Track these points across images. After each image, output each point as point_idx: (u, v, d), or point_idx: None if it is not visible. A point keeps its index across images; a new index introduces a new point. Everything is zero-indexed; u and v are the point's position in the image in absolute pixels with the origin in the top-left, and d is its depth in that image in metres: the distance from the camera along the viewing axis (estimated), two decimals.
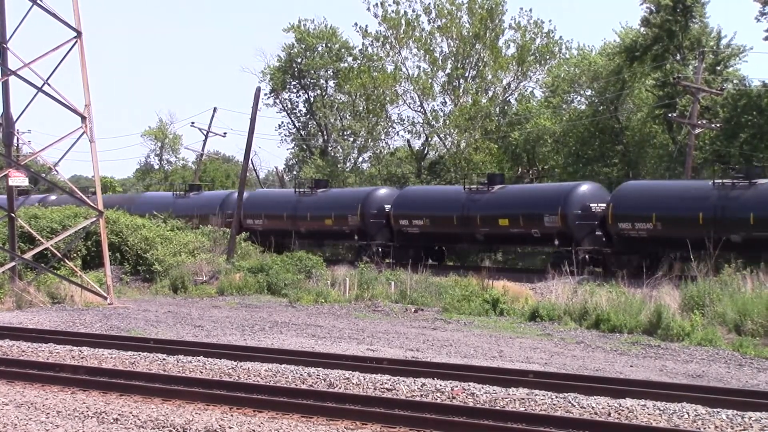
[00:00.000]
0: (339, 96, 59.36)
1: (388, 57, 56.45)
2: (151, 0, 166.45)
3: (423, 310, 24.54)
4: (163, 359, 15.44)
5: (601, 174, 42.10)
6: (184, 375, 14.11)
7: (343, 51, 61.20)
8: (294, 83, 62.97)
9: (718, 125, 36.93)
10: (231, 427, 10.53)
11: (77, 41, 25.94)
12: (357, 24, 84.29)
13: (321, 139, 61.31)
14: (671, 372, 15.39)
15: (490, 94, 54.01)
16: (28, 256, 27.29)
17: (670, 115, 37.88)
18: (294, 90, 63.60)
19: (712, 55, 40.36)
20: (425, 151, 56.02)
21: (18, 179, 27.44)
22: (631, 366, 16.01)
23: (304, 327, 21.09)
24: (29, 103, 29.89)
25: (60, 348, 16.76)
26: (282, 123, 64.97)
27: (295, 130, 64.44)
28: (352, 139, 56.75)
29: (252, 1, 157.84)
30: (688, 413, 11.19)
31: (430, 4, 54.41)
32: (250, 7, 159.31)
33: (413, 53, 55.34)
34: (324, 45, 61.08)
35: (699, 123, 35.97)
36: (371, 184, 48.38)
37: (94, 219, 27.69)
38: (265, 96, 61.07)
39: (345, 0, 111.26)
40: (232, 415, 11.25)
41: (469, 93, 53.33)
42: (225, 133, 64.47)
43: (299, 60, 61.22)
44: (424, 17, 54.83)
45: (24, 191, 50.86)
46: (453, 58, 54.28)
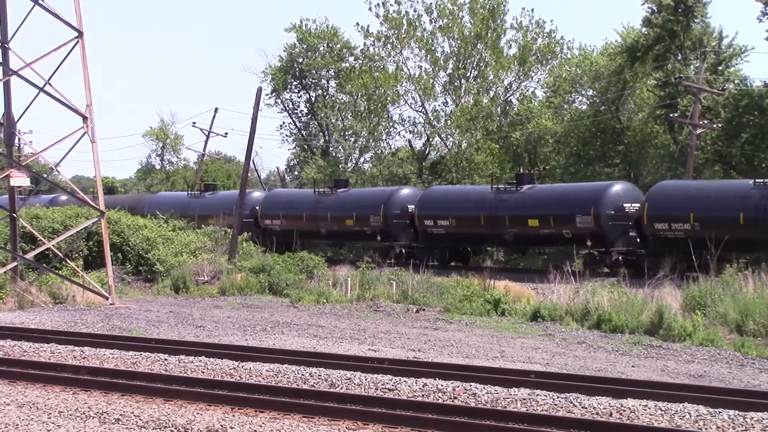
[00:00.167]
0: (340, 96, 59.34)
1: (389, 57, 56.51)
2: (153, 0, 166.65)
3: (424, 310, 24.53)
4: (165, 359, 15.45)
5: (603, 174, 42.05)
6: (185, 375, 14.11)
7: (345, 51, 61.18)
8: (295, 83, 62.97)
9: (719, 125, 36.91)
10: (233, 427, 10.53)
11: (79, 41, 25.95)
12: (358, 24, 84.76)
13: (322, 140, 61.30)
14: (673, 372, 15.38)
15: (491, 94, 54.02)
16: (29, 256, 27.33)
17: (671, 116, 37.84)
18: (295, 90, 63.64)
19: (713, 55, 40.34)
20: (426, 152, 55.99)
21: (19, 179, 27.48)
22: (633, 366, 16.01)
23: (305, 327, 21.09)
24: (31, 103, 30.31)
25: (62, 348, 16.77)
26: (283, 123, 65.17)
27: (297, 130, 64.46)
28: (353, 140, 56.75)
29: (253, 1, 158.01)
30: (689, 413, 11.19)
31: (431, 4, 54.45)
32: (251, 7, 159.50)
33: (415, 53, 55.41)
34: (325, 45, 61.07)
35: (700, 123, 35.95)
36: (372, 184, 48.36)
37: (95, 219, 27.71)
38: (267, 96, 61.15)
39: (346, 0, 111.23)
40: (233, 415, 11.26)
41: (471, 93, 53.32)
42: (226, 134, 64.33)
43: (300, 60, 61.22)
44: (425, 17, 54.90)
45: (32, 191, 50.91)
46: (454, 58, 54.26)
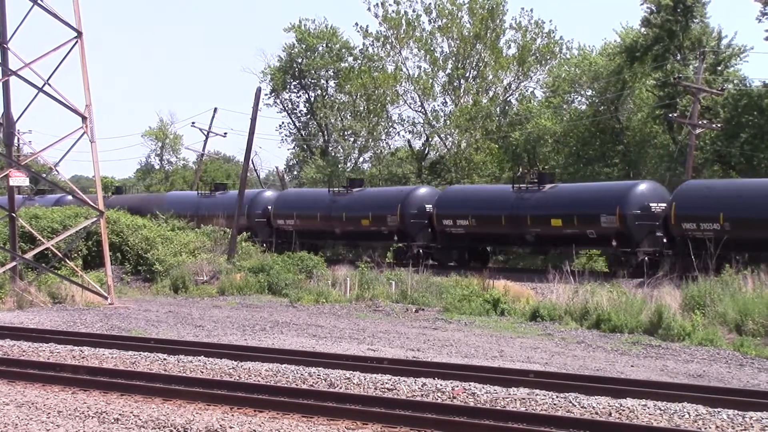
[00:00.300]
0: (339, 96, 59.36)
1: (388, 57, 56.53)
2: (153, 0, 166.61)
3: (424, 310, 24.53)
4: (164, 359, 15.45)
5: (602, 174, 42.06)
6: (184, 375, 14.11)
7: (344, 51, 61.15)
8: (294, 83, 62.95)
9: (718, 125, 36.93)
10: (232, 427, 10.53)
11: (78, 41, 25.93)
12: (357, 24, 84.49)
13: (321, 140, 61.29)
14: (672, 372, 15.39)
15: (490, 94, 54.06)
16: (29, 256, 27.30)
17: (670, 116, 37.85)
18: (294, 90, 63.64)
19: (712, 56, 40.36)
20: (426, 152, 56.00)
21: (19, 179, 27.46)
22: (632, 366, 16.01)
23: (304, 327, 21.09)
24: (30, 103, 30.15)
25: (61, 348, 16.76)
26: (282, 123, 65.15)
27: (296, 130, 64.47)
28: (352, 140, 56.75)
29: (253, 1, 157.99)
30: (689, 413, 11.19)
31: (430, 4, 54.49)
32: (251, 7, 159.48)
33: (414, 53, 55.44)
34: (324, 45, 61.04)
35: (699, 123, 35.96)
36: (372, 184, 48.34)
37: (94, 219, 27.70)
38: (266, 96, 61.14)
39: (345, 0, 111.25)
40: (232, 415, 11.26)
41: (470, 93, 53.33)
42: (225, 134, 64.52)
43: (300, 60, 61.20)
44: (424, 17, 54.92)
45: (40, 191, 50.97)
46: (453, 58, 54.28)
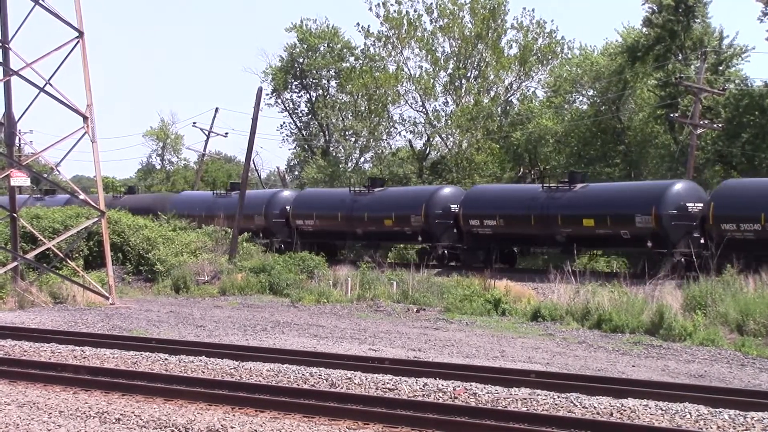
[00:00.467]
0: (341, 96, 59.32)
1: (390, 57, 56.42)
2: (153, 0, 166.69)
3: (425, 310, 24.53)
4: (165, 359, 15.45)
5: (603, 174, 42.05)
6: (186, 375, 14.12)
7: (345, 51, 61.16)
8: (296, 83, 62.96)
9: (720, 125, 36.91)
10: (233, 427, 10.52)
11: (79, 41, 25.94)
12: (359, 24, 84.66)
13: (323, 139, 61.30)
14: (673, 372, 15.38)
15: (492, 94, 54.00)
16: (30, 256, 27.32)
17: (672, 115, 37.84)
18: (296, 90, 63.63)
19: (714, 56, 40.35)
20: (427, 152, 55.98)
21: (20, 179, 27.48)
22: (633, 366, 16.00)
23: (306, 327, 21.09)
24: (31, 103, 30.35)
25: (62, 348, 16.77)
26: (284, 123, 65.19)
27: (297, 130, 64.47)
28: (353, 139, 56.74)
29: (253, 1, 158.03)
30: (690, 413, 11.19)
31: (432, 4, 54.40)
32: (251, 7, 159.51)
33: (415, 53, 55.33)
34: (326, 45, 61.04)
35: (701, 123, 35.94)
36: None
37: (96, 219, 27.70)
38: (267, 96, 61.15)
39: (347, 0, 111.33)
40: (234, 415, 11.25)
41: (471, 93, 53.29)
42: (227, 134, 64.44)
43: (301, 60, 61.20)
44: (426, 17, 54.82)
45: (49, 191, 50.90)
46: (455, 58, 54.22)
